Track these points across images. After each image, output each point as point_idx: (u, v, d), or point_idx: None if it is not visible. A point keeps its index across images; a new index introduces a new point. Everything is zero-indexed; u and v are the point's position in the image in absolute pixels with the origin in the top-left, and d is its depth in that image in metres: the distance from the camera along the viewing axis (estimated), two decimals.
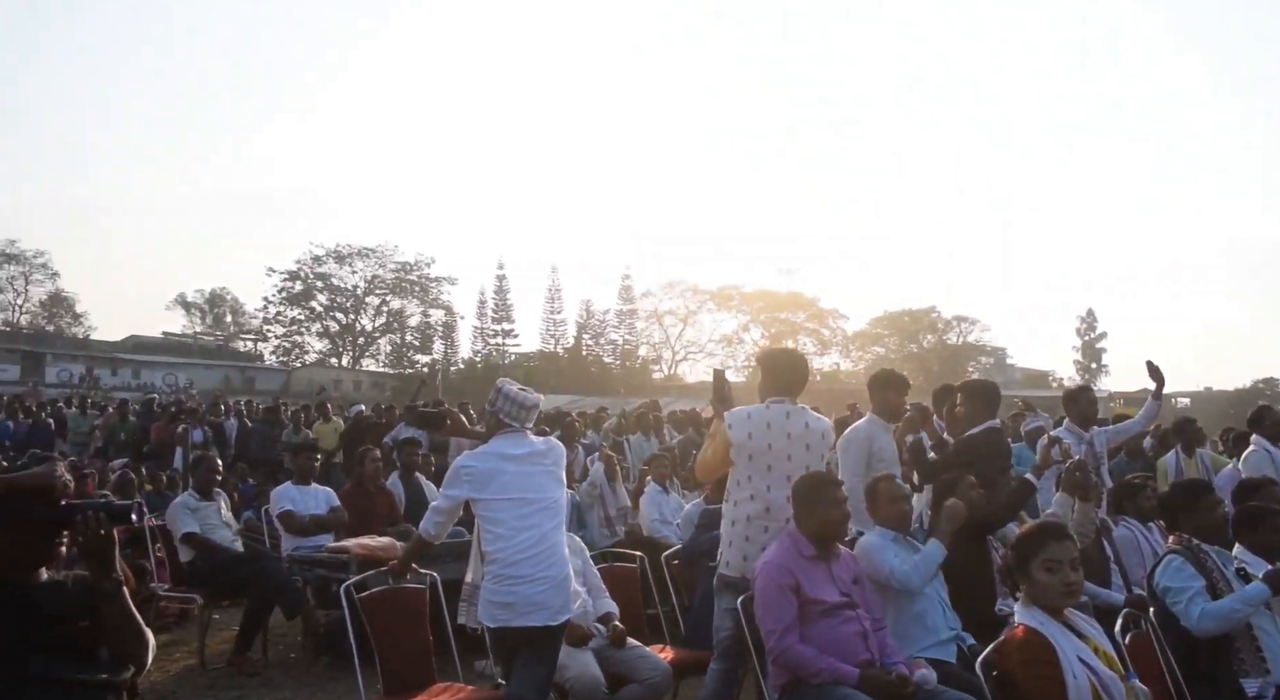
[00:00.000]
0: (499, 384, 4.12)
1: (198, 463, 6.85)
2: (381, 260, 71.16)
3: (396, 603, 4.34)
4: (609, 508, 7.75)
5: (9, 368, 54.35)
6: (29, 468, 6.88)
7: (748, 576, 4.11)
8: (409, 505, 7.52)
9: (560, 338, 68.11)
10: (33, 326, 68.96)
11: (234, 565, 6.16)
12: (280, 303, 70.90)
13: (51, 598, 2.55)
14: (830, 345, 70.46)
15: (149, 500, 9.91)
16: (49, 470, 2.51)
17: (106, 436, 15.99)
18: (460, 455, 4.26)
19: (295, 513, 6.65)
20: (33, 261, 69.21)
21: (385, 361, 73.54)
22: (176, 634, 6.73)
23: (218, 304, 77.57)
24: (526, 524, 3.87)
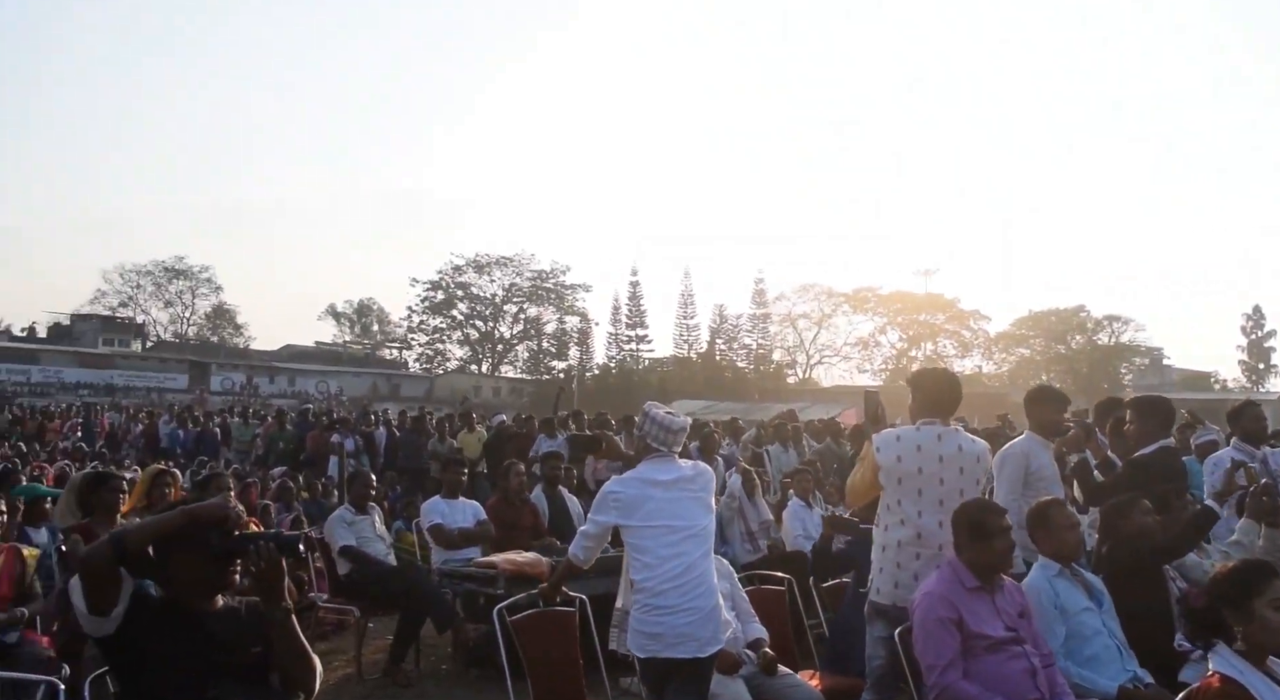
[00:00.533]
0: (646, 408, 4.09)
1: (353, 478, 7.09)
2: (519, 269, 72.80)
3: (547, 625, 4.38)
4: (750, 522, 7.63)
5: (178, 377, 58.01)
6: (200, 474, 7.23)
7: (899, 604, 3.98)
8: (553, 518, 7.61)
9: (693, 342, 68.14)
10: (199, 337, 73.46)
11: (388, 579, 6.35)
12: (423, 312, 73.51)
13: (227, 624, 2.65)
14: (971, 347, 68.12)
15: (305, 507, 10.37)
16: (223, 502, 2.61)
17: (267, 445, 16.80)
18: (610, 478, 4.25)
19: (445, 526, 6.80)
20: (198, 276, 73.86)
21: (523, 368, 75.11)
22: (334, 642, 6.97)
23: (365, 314, 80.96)
24: (673, 552, 3.81)
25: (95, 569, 2.41)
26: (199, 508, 2.57)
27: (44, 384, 50.95)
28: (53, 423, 23.96)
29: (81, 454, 18.04)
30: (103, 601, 2.42)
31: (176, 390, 52.45)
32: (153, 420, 21.68)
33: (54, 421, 24.19)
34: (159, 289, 73.41)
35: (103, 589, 2.42)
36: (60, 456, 17.33)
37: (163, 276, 72.98)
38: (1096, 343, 63.02)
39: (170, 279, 73.17)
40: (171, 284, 73.41)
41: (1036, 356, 66.12)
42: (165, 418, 21.22)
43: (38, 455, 17.48)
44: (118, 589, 2.44)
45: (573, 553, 4.14)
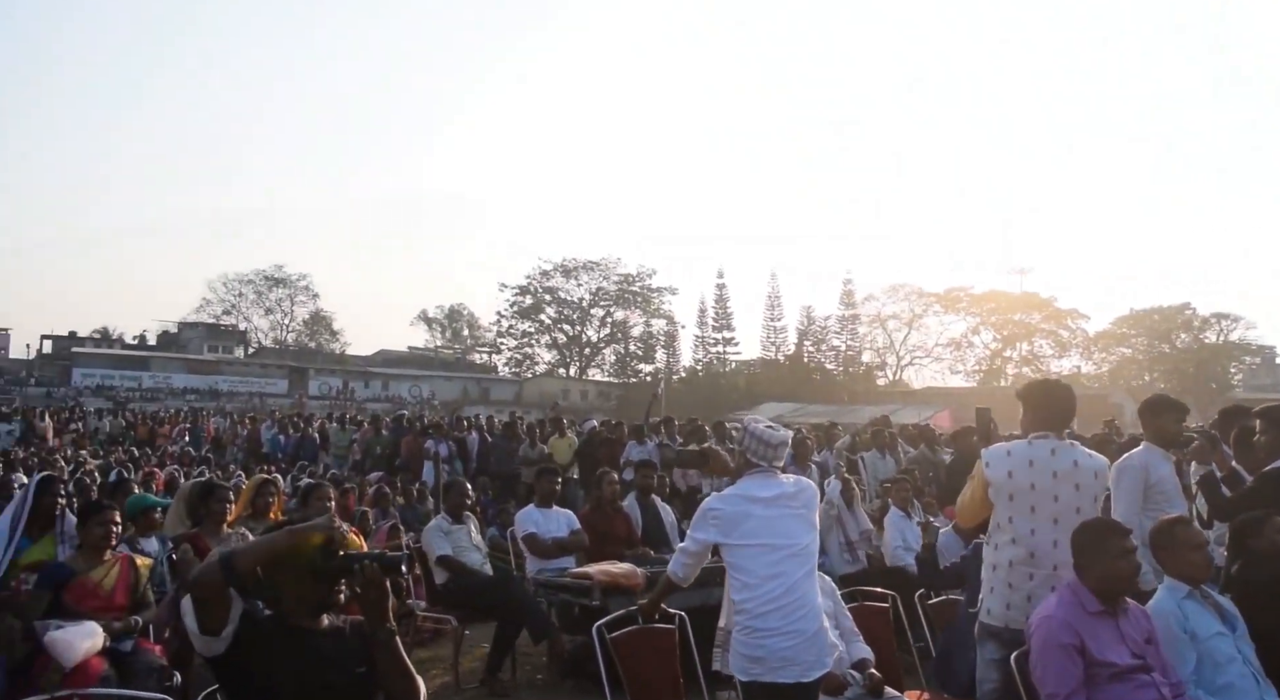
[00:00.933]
0: (745, 422, 3.99)
1: (449, 487, 7.14)
2: (605, 273, 73.26)
3: (646, 642, 4.31)
4: (849, 532, 7.44)
5: (278, 381, 59.95)
6: (300, 479, 7.37)
7: (1011, 626, 3.80)
8: (646, 528, 7.56)
9: (781, 345, 67.52)
10: (297, 344, 75.75)
11: (485, 589, 6.38)
12: (512, 316, 74.56)
13: (333, 644, 2.66)
14: (1069, 347, 65.99)
15: (401, 513, 10.51)
16: (328, 522, 2.61)
17: (364, 450, 17.15)
18: (701, 485, 4.18)
19: (539, 536, 6.80)
20: (296, 284, 76.26)
21: (610, 371, 75.52)
22: (432, 650, 7.03)
23: (455, 319, 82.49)
24: (774, 572, 3.69)
25: (206, 590, 2.43)
26: (304, 527, 2.57)
27: (154, 389, 53.13)
28: (162, 428, 24.95)
29: (190, 458, 18.71)
30: (213, 622, 2.44)
31: (277, 395, 54.20)
32: (255, 426, 22.35)
33: (164, 426, 25.18)
34: (260, 297, 76.02)
35: (213, 609, 2.44)
36: (170, 461, 18.02)
37: (263, 285, 75.56)
38: (1204, 341, 60.38)
39: (270, 287, 75.71)
40: (271, 292, 75.96)
41: (1139, 356, 63.74)
42: (267, 423, 21.86)
43: (149, 459, 18.22)
44: (227, 609, 2.46)
45: (672, 570, 4.06)
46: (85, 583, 4.53)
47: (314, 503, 5.86)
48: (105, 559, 4.66)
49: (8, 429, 23.02)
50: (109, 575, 4.61)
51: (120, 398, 45.84)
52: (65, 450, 20.27)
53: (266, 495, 5.99)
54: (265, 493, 6.01)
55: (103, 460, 17.31)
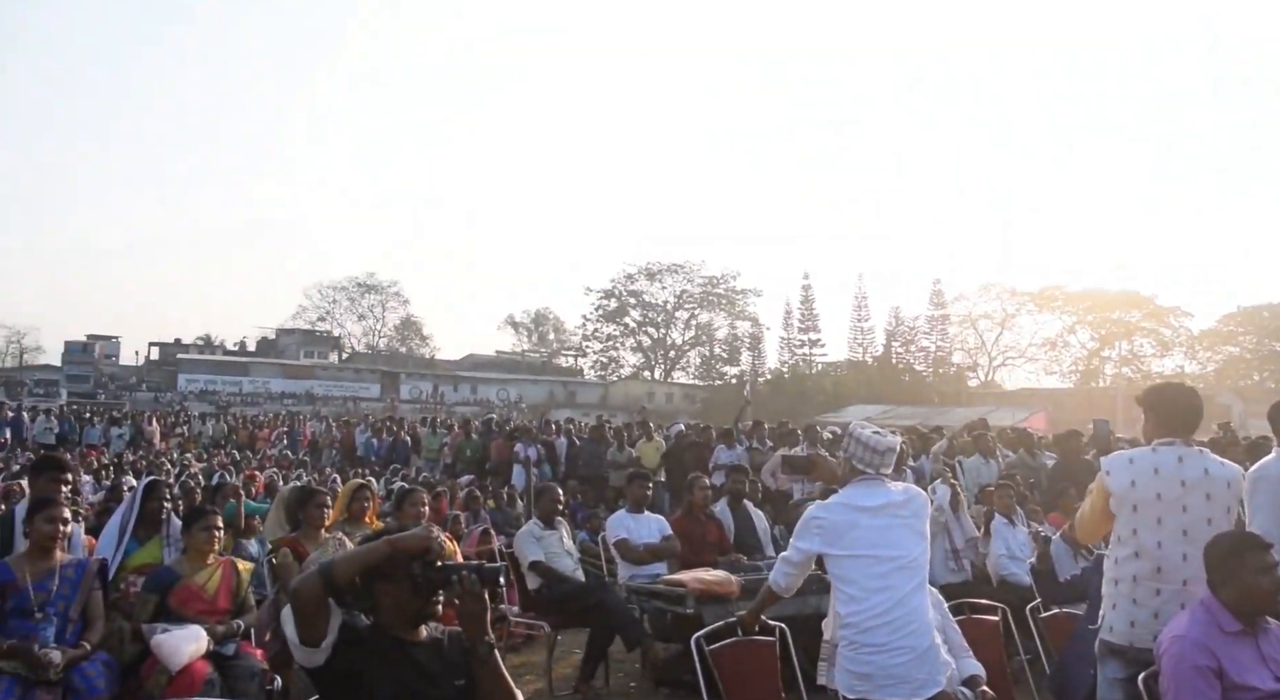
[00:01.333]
0: (850, 428, 3.84)
1: (541, 492, 7.11)
2: (689, 275, 73.21)
3: (746, 654, 4.19)
4: (954, 540, 7.16)
5: (371, 386, 61.39)
6: (394, 482, 7.42)
7: (1137, 645, 3.57)
8: (738, 534, 7.43)
9: (868, 346, 66.57)
10: (389, 349, 77.47)
11: (577, 595, 6.33)
12: (597, 320, 75.01)
13: (431, 655, 2.61)
14: (1172, 346, 63.34)
15: (492, 516, 10.58)
16: (426, 532, 2.56)
17: (454, 454, 17.36)
18: (792, 488, 4.04)
19: (630, 541, 6.72)
20: (387, 290, 78.02)
21: (695, 373, 75.42)
22: (525, 655, 7.02)
23: (541, 323, 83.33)
24: (881, 584, 3.54)
25: (305, 601, 2.40)
26: (402, 538, 2.53)
27: (253, 394, 54.89)
28: (261, 432, 25.72)
29: (288, 462, 19.22)
30: (313, 633, 2.41)
31: (370, 399, 55.51)
32: (349, 430, 22.83)
33: (263, 430, 25.95)
34: (353, 303, 78.00)
35: (313, 620, 2.41)
36: (269, 464, 18.51)
37: (356, 291, 77.54)
38: None
39: (362, 293, 77.66)
40: (364, 298, 77.88)
41: (1247, 355, 60.85)
42: (361, 427, 22.31)
43: (249, 462, 18.76)
44: (327, 620, 2.43)
45: (773, 580, 3.94)
46: (190, 586, 4.60)
47: (408, 508, 5.90)
48: (208, 563, 4.74)
49: (119, 433, 23.96)
50: (212, 579, 4.68)
51: (222, 402, 47.49)
52: (171, 453, 21.04)
53: (362, 499, 6.03)
54: (360, 497, 6.05)
55: (206, 463, 17.88)
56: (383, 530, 2.77)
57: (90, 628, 4.29)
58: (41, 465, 5.16)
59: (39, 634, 4.08)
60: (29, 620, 4.10)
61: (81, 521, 6.69)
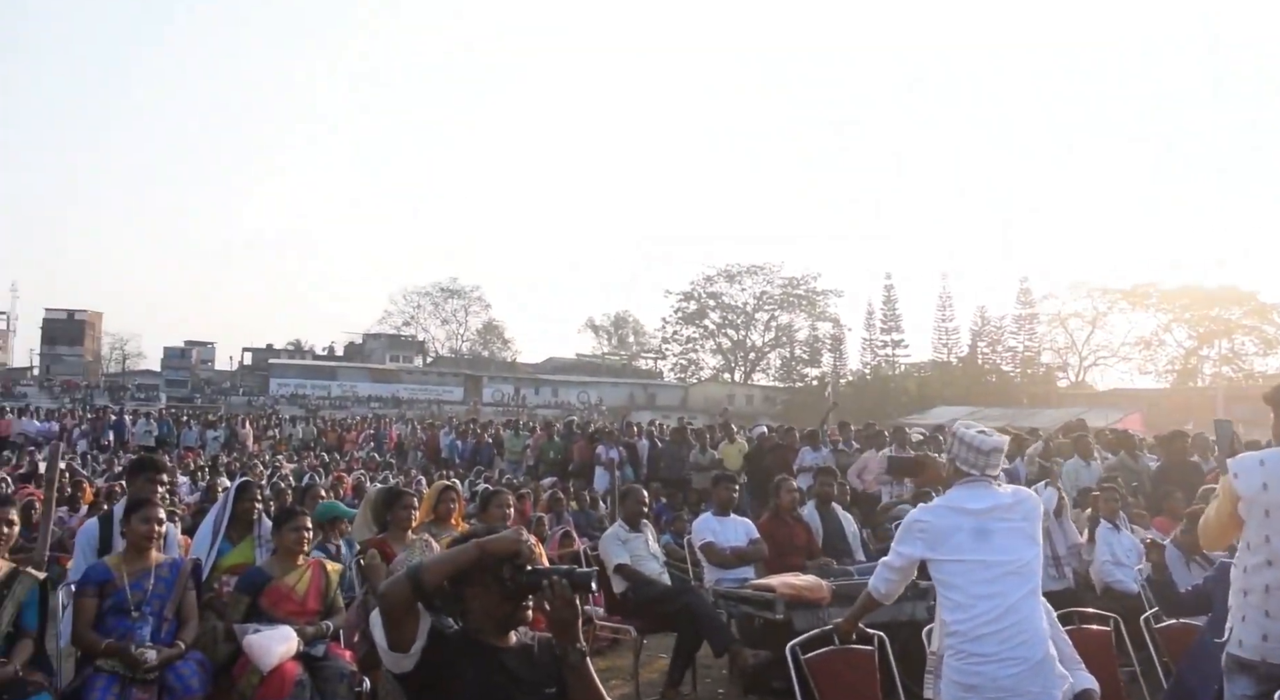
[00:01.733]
0: (954, 428, 3.66)
1: (626, 495, 7.03)
2: (769, 276, 72.70)
3: (844, 663, 4.03)
4: (1057, 546, 6.83)
5: (454, 389, 62.38)
6: (477, 484, 7.39)
7: (1270, 660, 3.33)
8: (827, 537, 7.25)
9: (953, 346, 65.15)
10: (471, 352, 78.60)
11: (664, 599, 6.22)
12: (676, 322, 74.99)
13: (521, 662, 2.53)
14: (1276, 345, 60.50)
15: (575, 519, 10.55)
16: (516, 535, 2.48)
17: (537, 456, 17.44)
18: (881, 490, 3.86)
19: (716, 545, 6.60)
20: (470, 295, 79.19)
21: (775, 375, 74.85)
22: (610, 659, 6.94)
23: (621, 326, 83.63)
24: (990, 590, 3.35)
25: (394, 605, 2.34)
26: (491, 541, 2.45)
27: (341, 398, 56.22)
28: (349, 434, 26.25)
29: (375, 464, 19.56)
30: (402, 637, 2.35)
31: (453, 402, 56.39)
32: (434, 432, 23.14)
33: (350, 433, 26.49)
34: (436, 308, 79.34)
35: (402, 624, 2.35)
36: (356, 466, 18.85)
37: (439, 296, 78.88)
38: None
39: (446, 298, 78.97)
40: (447, 303, 79.20)
41: None
42: (445, 430, 22.59)
43: (338, 464, 19.14)
44: (416, 625, 2.36)
45: (873, 586, 3.77)
46: (280, 587, 4.63)
47: (493, 509, 5.87)
48: (298, 564, 4.76)
49: (214, 435, 24.69)
50: (302, 580, 4.70)
51: (311, 405, 48.75)
52: (263, 455, 21.59)
53: (448, 501, 6.03)
54: (447, 499, 6.05)
55: (296, 465, 18.29)
56: (471, 533, 2.70)
57: (184, 627, 4.35)
58: (138, 466, 5.26)
59: (135, 632, 4.14)
60: (126, 618, 4.17)
61: (178, 522, 6.85)
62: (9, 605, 3.92)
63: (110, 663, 4.00)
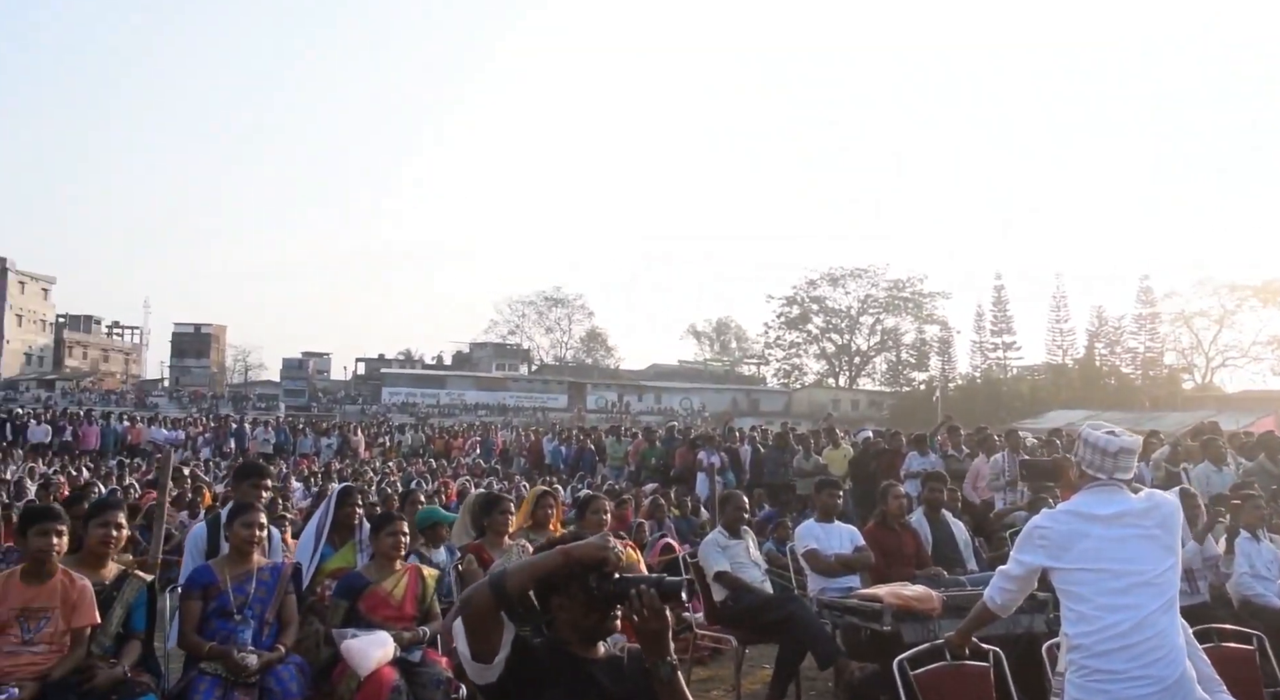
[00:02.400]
0: (1081, 431, 3.40)
1: (726, 500, 6.86)
2: (873, 279, 71.39)
3: (956, 681, 3.77)
4: (1190, 557, 6.39)
5: (559, 396, 63.05)
6: (579, 490, 7.34)
7: None
8: (937, 545, 6.94)
9: (1068, 348, 62.83)
10: (575, 360, 79.38)
11: (765, 608, 6.03)
12: (779, 327, 74.28)
13: (611, 675, 2.42)
14: None
15: (676, 524, 10.42)
16: (603, 541, 2.36)
17: (638, 461, 17.39)
18: (994, 496, 3.61)
19: (820, 552, 6.38)
20: (573, 303, 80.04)
21: (881, 380, 73.47)
22: (712, 669, 6.78)
23: (723, 331, 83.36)
24: (1118, 602, 3.09)
25: (476, 613, 2.26)
26: (577, 547, 2.34)
27: (450, 405, 57.39)
28: (456, 441, 26.74)
29: (480, 470, 19.85)
30: (485, 647, 2.26)
31: (558, 409, 57.00)
32: (537, 438, 23.37)
33: (457, 439, 26.97)
34: (541, 316, 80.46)
35: (485, 634, 2.26)
36: (462, 471, 19.16)
37: (543, 305, 79.95)
38: None
39: (550, 307, 79.95)
40: (551, 311, 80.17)
41: None
42: (548, 436, 22.79)
43: (445, 470, 19.48)
44: (500, 634, 2.27)
45: (989, 596, 3.53)
46: (378, 592, 4.63)
47: (590, 515, 5.79)
48: (395, 569, 4.76)
49: (327, 443, 25.49)
50: (399, 585, 4.70)
51: (421, 413, 49.87)
52: (374, 462, 22.14)
53: (546, 506, 5.99)
54: (544, 504, 6.01)
55: (404, 471, 18.69)
56: (559, 538, 2.60)
57: (285, 630, 4.38)
58: (243, 472, 5.35)
59: (237, 635, 4.19)
60: (229, 621, 4.22)
61: (288, 526, 6.99)
62: (118, 607, 4.02)
63: (213, 665, 4.05)
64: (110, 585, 4.06)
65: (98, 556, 4.11)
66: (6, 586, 3.79)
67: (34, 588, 3.79)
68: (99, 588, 3.97)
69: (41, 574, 3.82)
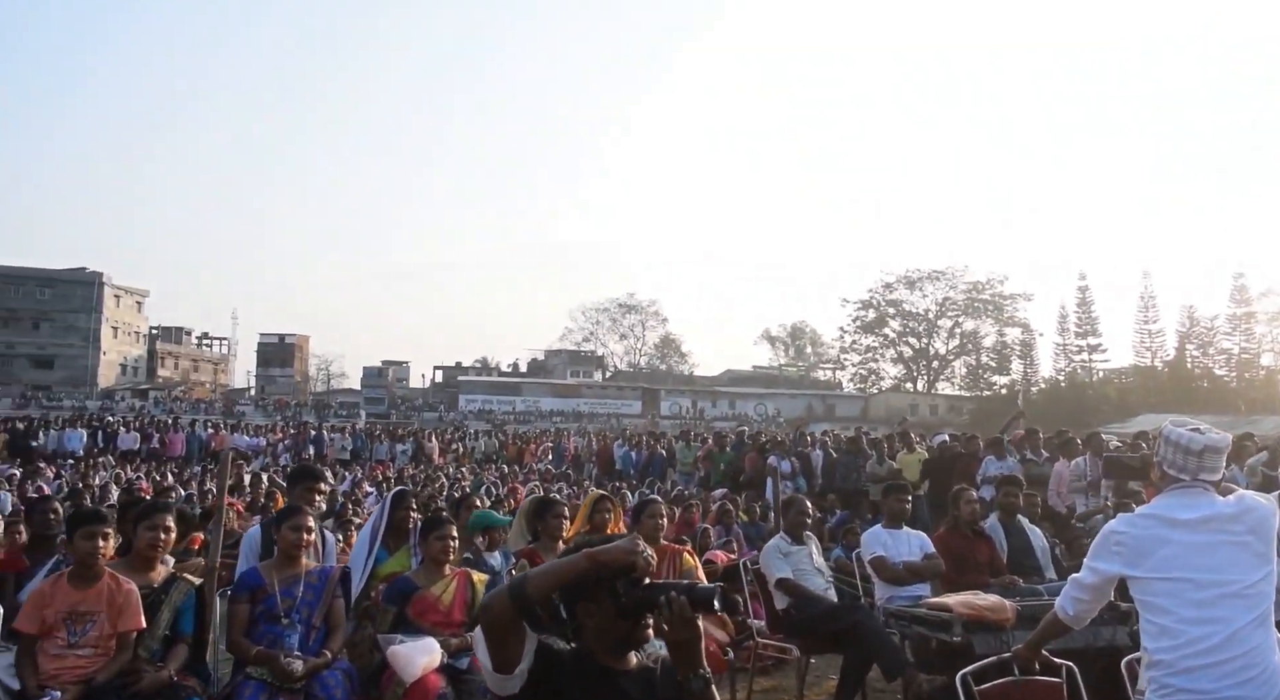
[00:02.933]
0: (1163, 429, 3.14)
1: (788, 504, 6.66)
2: (952, 282, 69.97)
3: (1025, 696, 3.53)
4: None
5: (633, 403, 63.05)
6: (647, 495, 7.14)
7: None
8: (1012, 553, 6.63)
9: (1158, 350, 60.51)
10: (649, 366, 79.37)
11: (830, 617, 5.80)
12: (855, 331, 73.20)
13: (641, 687, 2.27)
14: None
15: (744, 530, 10.23)
16: (631, 544, 2.21)
17: (708, 467, 17.22)
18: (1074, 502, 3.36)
19: (888, 559, 6.13)
20: (646, 310, 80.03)
21: (961, 384, 71.94)
22: (775, 679, 6.58)
23: (798, 336, 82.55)
24: (1204, 615, 2.83)
25: (495, 620, 2.13)
26: (603, 551, 2.19)
27: (525, 412, 57.83)
28: (529, 447, 26.89)
29: (551, 475, 19.88)
30: (506, 656, 2.14)
31: (631, 415, 57.00)
32: (606, 443, 23.35)
33: (530, 445, 27.13)
34: (614, 323, 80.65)
35: (505, 642, 2.14)
36: (533, 477, 19.21)
37: (617, 312, 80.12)
38: None
39: (624, 314, 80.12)
40: (625, 318, 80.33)
41: None
42: (619, 442, 22.76)
43: (516, 476, 19.56)
44: (521, 643, 2.14)
45: (1061, 607, 3.28)
46: (426, 597, 4.56)
47: (645, 519, 5.66)
48: (445, 574, 4.68)
49: (402, 449, 25.87)
50: (447, 591, 4.62)
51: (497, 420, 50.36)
52: (448, 467, 22.36)
53: (603, 511, 5.88)
54: (601, 509, 5.90)
55: (476, 476, 18.82)
56: (584, 541, 2.46)
57: (332, 636, 4.34)
58: (297, 476, 5.35)
59: (285, 639, 4.15)
60: (276, 625, 4.19)
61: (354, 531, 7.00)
62: (165, 611, 4.01)
63: (259, 670, 4.01)
64: (159, 588, 4.06)
65: (146, 559, 4.12)
66: (55, 589, 3.81)
67: (81, 591, 3.81)
68: (147, 591, 3.98)
69: (89, 577, 3.83)
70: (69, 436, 24.11)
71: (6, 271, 64.60)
